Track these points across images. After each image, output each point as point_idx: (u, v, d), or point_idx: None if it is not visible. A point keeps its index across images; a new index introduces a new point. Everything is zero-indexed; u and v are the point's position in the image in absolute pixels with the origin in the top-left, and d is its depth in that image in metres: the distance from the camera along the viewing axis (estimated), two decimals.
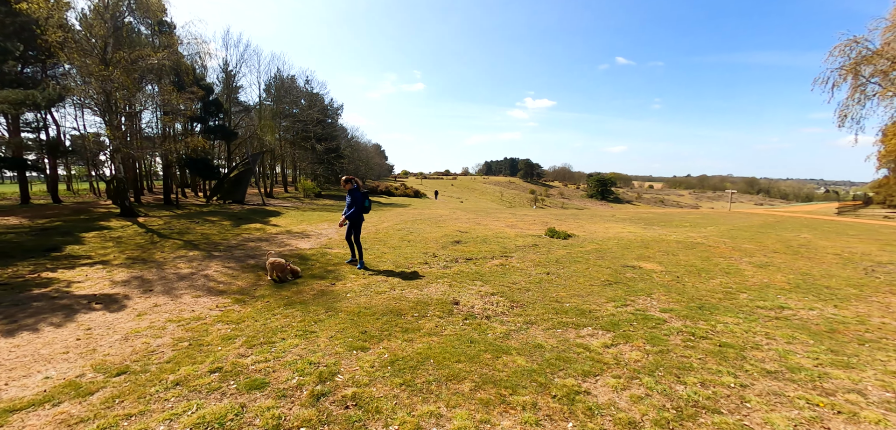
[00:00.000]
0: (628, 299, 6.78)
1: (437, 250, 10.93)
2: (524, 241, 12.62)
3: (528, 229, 16.30)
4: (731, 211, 33.41)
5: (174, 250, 10.38)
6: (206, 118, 25.09)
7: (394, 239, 12.68)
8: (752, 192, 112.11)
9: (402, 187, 53.84)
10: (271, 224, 16.26)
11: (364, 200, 8.88)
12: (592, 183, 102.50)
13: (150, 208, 21.45)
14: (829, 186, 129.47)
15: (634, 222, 20.60)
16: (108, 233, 12.87)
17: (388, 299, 6.22)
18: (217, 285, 7.21)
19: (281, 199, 32.34)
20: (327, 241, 12.05)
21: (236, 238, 12.56)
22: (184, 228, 14.52)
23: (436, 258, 9.68)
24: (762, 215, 28.05)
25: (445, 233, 14.15)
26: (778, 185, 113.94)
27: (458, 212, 25.95)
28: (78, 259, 9.35)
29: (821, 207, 38.12)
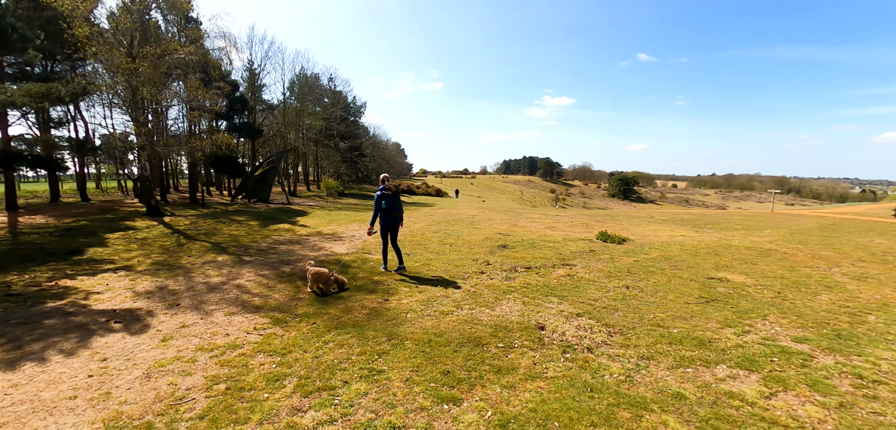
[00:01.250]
0: (743, 323, 5.57)
1: (486, 255, 9.79)
2: (576, 246, 11.37)
3: (570, 231, 15.02)
4: (774, 212, 31.31)
5: (202, 254, 9.48)
6: (231, 115, 24.47)
7: (433, 242, 11.59)
8: (782, 191, 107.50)
9: (424, 186, 52.80)
10: (300, 225, 15.35)
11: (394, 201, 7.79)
12: (614, 182, 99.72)
13: (176, 207, 20.88)
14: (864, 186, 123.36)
15: (679, 224, 19.06)
16: (134, 234, 12.11)
17: (459, 322, 5.08)
18: (252, 298, 6.19)
19: (304, 198, 31.66)
20: (363, 244, 11.01)
21: (266, 240, 11.64)
22: (210, 228, 13.71)
23: (490, 266, 8.53)
24: (814, 218, 26.00)
25: (486, 236, 12.99)
26: (809, 184, 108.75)
27: (487, 212, 24.76)
28: (100, 264, 8.51)
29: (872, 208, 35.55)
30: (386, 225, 7.77)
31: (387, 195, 7.66)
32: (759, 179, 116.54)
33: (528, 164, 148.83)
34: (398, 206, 7.94)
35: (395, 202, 7.86)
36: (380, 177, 7.93)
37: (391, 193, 7.80)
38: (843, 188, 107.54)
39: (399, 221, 7.94)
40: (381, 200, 7.63)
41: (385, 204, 7.64)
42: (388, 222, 7.76)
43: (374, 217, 7.63)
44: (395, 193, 7.95)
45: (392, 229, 7.82)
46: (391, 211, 7.72)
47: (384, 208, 7.66)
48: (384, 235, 7.84)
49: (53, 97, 10.07)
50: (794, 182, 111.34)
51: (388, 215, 7.71)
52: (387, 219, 7.73)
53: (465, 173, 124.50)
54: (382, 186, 7.81)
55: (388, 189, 7.80)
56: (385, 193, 7.65)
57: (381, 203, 7.63)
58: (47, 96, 9.87)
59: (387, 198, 7.65)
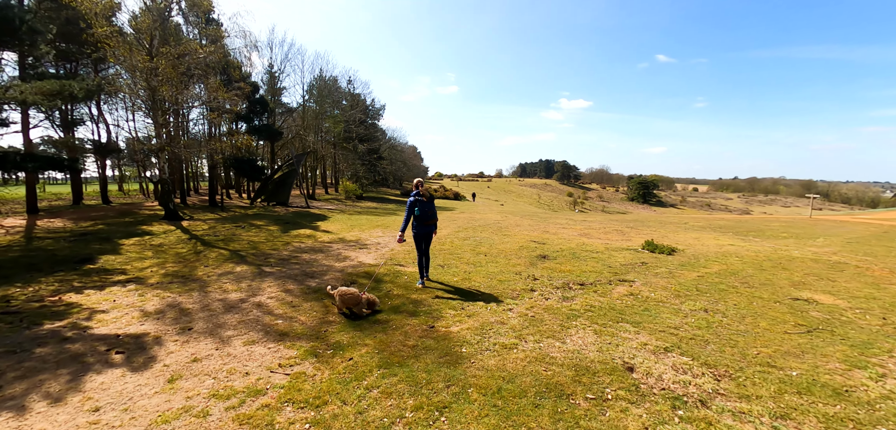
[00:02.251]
0: (870, 362, 4.64)
1: (527, 267, 8.80)
2: (623, 257, 10.28)
3: (607, 239, 13.90)
4: (812, 218, 29.46)
5: (219, 264, 8.70)
6: (251, 117, 23.98)
7: (465, 251, 10.64)
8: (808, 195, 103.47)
9: (442, 190, 51.93)
10: (321, 230, 14.56)
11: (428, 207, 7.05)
12: (633, 186, 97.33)
13: (195, 210, 20.38)
14: None
15: (719, 231, 17.69)
16: (150, 240, 11.46)
17: (528, 360, 4.10)
18: (274, 320, 5.32)
19: (323, 201, 31.08)
20: (391, 254, 10.11)
21: (286, 247, 10.84)
22: (229, 234, 13.00)
23: (537, 281, 7.53)
24: (861, 224, 24.20)
25: (521, 244, 11.98)
26: (838, 187, 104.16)
27: (510, 217, 23.71)
28: (110, 274, 7.78)
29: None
30: (419, 233, 7.09)
31: (421, 201, 6.99)
32: (784, 183, 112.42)
33: (545, 167, 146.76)
34: (433, 213, 7.23)
35: (430, 209, 7.14)
36: (413, 181, 7.35)
37: (425, 199, 7.12)
38: (874, 192, 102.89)
39: (433, 229, 7.19)
40: (414, 206, 6.97)
41: (418, 211, 6.96)
42: (422, 229, 7.07)
43: (405, 224, 6.95)
44: (429, 199, 7.25)
45: (425, 237, 7.15)
46: (425, 218, 7.03)
47: (418, 215, 6.97)
48: (418, 244, 7.18)
49: (66, 95, 9.49)
50: (822, 186, 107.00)
51: (421, 223, 7.03)
52: (420, 227, 7.05)
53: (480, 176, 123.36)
54: (416, 190, 7.13)
55: (422, 194, 7.09)
56: (419, 199, 6.98)
57: (414, 209, 6.97)
58: (60, 94, 9.30)
59: (421, 204, 6.98)
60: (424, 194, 7.16)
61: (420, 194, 7.06)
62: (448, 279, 7.59)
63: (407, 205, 6.97)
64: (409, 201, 6.97)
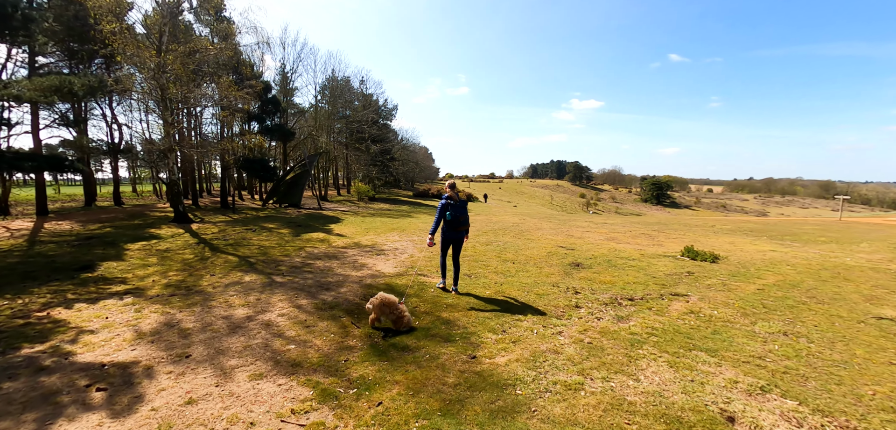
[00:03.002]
0: None
1: (563, 277, 7.94)
2: (664, 265, 9.35)
3: (637, 244, 12.94)
4: (843, 220, 28.00)
5: (226, 272, 7.97)
6: (263, 117, 23.41)
7: (490, 258, 9.80)
8: (827, 196, 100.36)
9: None
10: (335, 234, 13.83)
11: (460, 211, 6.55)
12: (647, 187, 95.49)
13: (206, 212, 19.84)
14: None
15: (752, 235, 16.57)
16: (156, 244, 10.82)
17: (604, 408, 3.24)
18: (285, 345, 4.53)
19: (335, 202, 30.45)
20: (411, 261, 9.31)
21: (299, 254, 10.10)
22: (239, 238, 12.33)
23: (579, 295, 6.66)
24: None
25: (548, 250, 11.10)
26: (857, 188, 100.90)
27: (527, 219, 22.79)
28: (109, 284, 7.10)
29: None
30: (449, 238, 6.67)
31: (452, 205, 6.52)
32: (802, 184, 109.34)
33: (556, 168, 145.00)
34: (465, 217, 6.66)
35: (462, 213, 6.60)
36: (446, 182, 6.74)
37: (457, 203, 6.57)
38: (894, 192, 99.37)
39: (464, 234, 6.72)
40: (445, 209, 6.53)
41: (450, 215, 6.49)
42: (452, 235, 6.64)
43: (436, 227, 6.54)
44: (461, 203, 6.66)
45: (455, 242, 6.71)
46: (456, 223, 6.54)
47: (449, 219, 6.51)
48: (445, 248, 6.78)
49: (65, 91, 8.91)
50: (841, 186, 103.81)
51: (452, 228, 6.57)
52: (451, 232, 6.61)
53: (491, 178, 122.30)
54: (448, 193, 6.61)
55: (453, 197, 6.57)
56: (450, 202, 6.53)
57: (445, 213, 6.52)
58: (59, 90, 8.71)
59: (452, 207, 6.51)
60: (455, 197, 6.62)
61: (452, 197, 6.56)
62: (479, 291, 6.78)
63: (438, 207, 6.54)
64: (441, 204, 6.54)
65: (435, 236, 6.55)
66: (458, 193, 7.00)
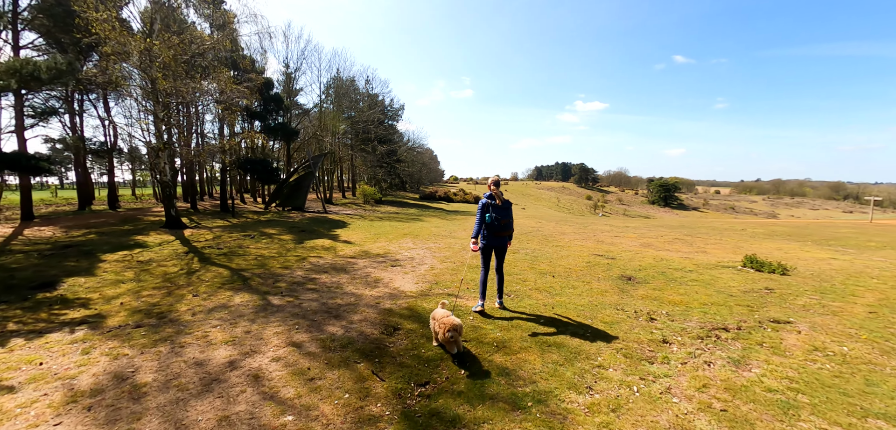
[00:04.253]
0: None
1: (619, 295, 6.48)
2: (732, 279, 7.85)
3: (676, 250, 11.46)
4: (873, 222, 26.31)
5: (213, 291, 6.53)
6: (265, 116, 22.03)
7: (523, 269, 8.34)
8: (837, 197, 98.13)
9: (462, 193, 49.55)
10: (341, 241, 12.38)
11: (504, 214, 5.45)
12: (654, 188, 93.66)
13: (204, 216, 18.46)
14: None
15: (790, 239, 14.99)
16: (139, 254, 9.41)
17: None
18: (280, 415, 3.07)
19: (340, 205, 29.04)
20: (433, 275, 7.84)
21: (301, 265, 8.66)
22: (235, 245, 10.90)
23: (655, 322, 5.20)
24: None
25: (586, 260, 9.61)
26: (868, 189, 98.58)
27: (546, 223, 21.28)
28: (66, 309, 5.67)
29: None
30: (490, 245, 5.58)
31: (494, 205, 5.45)
32: (811, 185, 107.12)
33: (561, 170, 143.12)
34: (509, 220, 5.52)
35: (506, 216, 5.49)
36: (488, 181, 5.65)
37: (501, 204, 5.47)
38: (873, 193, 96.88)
39: (508, 240, 5.68)
40: (486, 210, 5.44)
41: (490, 217, 5.39)
42: (495, 241, 5.56)
43: (478, 230, 5.51)
44: (505, 204, 5.54)
45: (498, 249, 5.67)
46: (499, 227, 5.44)
47: (490, 223, 5.40)
48: (487, 257, 5.65)
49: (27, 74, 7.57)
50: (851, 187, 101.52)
51: (494, 233, 5.48)
52: (493, 237, 5.53)
53: None
54: (489, 192, 5.52)
55: (495, 197, 5.48)
56: (491, 203, 5.46)
57: (485, 214, 5.43)
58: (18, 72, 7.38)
59: (494, 208, 5.44)
60: (498, 197, 5.47)
61: (494, 197, 5.46)
62: (520, 307, 5.44)
63: (478, 208, 5.50)
64: (481, 204, 5.48)
65: (477, 242, 5.48)
66: (501, 191, 5.64)
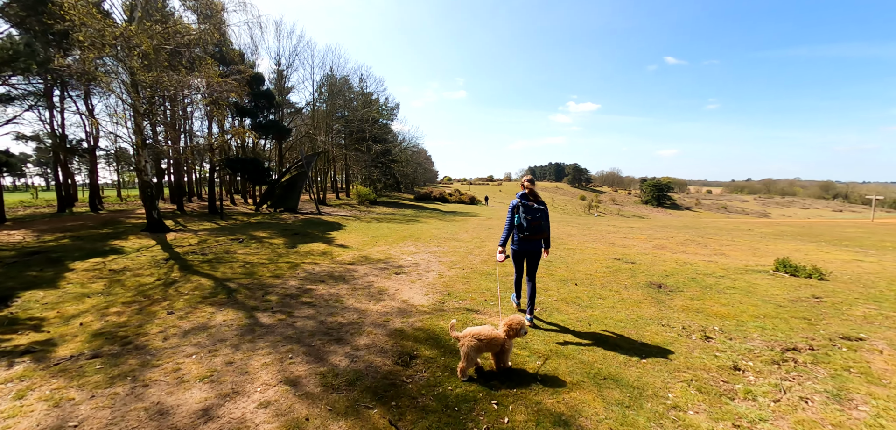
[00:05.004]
0: None
1: (654, 306, 5.73)
2: (773, 286, 7.12)
3: (692, 252, 10.74)
4: (875, 221, 26.00)
5: (192, 307, 5.61)
6: (256, 112, 20.98)
7: (539, 274, 7.53)
8: (826, 196, 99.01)
9: (457, 194, 48.67)
10: (337, 245, 11.47)
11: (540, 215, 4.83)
12: (647, 188, 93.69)
13: (191, 218, 17.40)
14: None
15: (802, 239, 14.42)
16: (113, 261, 8.43)
17: None
18: None
19: (334, 206, 28.04)
20: (443, 284, 6.99)
21: (294, 274, 7.75)
22: (222, 251, 9.94)
23: (711, 341, 4.43)
24: None
25: (605, 265, 8.83)
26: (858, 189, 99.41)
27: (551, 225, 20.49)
28: (13, 332, 4.71)
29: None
30: (524, 250, 4.94)
31: (526, 205, 4.82)
32: (801, 184, 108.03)
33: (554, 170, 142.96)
34: (545, 224, 4.86)
35: (541, 218, 4.82)
36: (521, 180, 5.03)
37: (534, 203, 4.84)
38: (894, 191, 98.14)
39: (542, 245, 5.00)
40: (514, 211, 4.87)
41: (521, 218, 4.80)
42: (528, 245, 4.92)
43: (507, 235, 4.94)
44: (540, 204, 4.88)
45: (531, 256, 4.98)
46: (533, 230, 4.80)
47: (522, 225, 4.80)
48: (519, 264, 5.11)
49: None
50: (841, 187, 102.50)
51: (527, 237, 4.84)
52: (524, 242, 4.90)
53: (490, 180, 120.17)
54: (522, 191, 4.90)
55: (531, 193, 4.87)
56: (524, 203, 4.84)
57: (513, 217, 4.87)
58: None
59: (527, 209, 4.80)
60: (534, 194, 4.87)
61: (528, 196, 4.85)
62: (557, 324, 4.55)
63: (509, 208, 4.92)
64: (512, 205, 4.89)
65: (506, 247, 4.90)
66: (535, 190, 4.91)
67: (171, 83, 12.16)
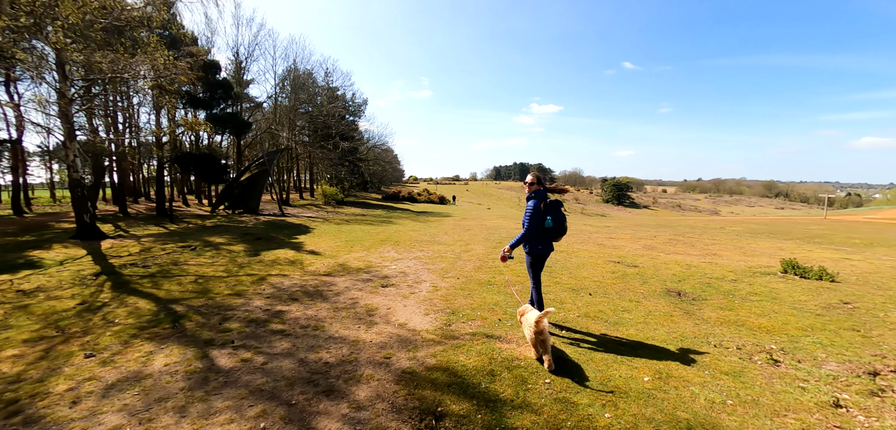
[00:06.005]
0: None
1: (688, 321, 4.99)
2: (797, 292, 6.60)
3: (684, 253, 10.31)
4: (827, 219, 27.41)
5: (122, 344, 4.23)
6: (211, 103, 18.90)
7: (543, 281, 6.64)
8: (769, 195, 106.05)
9: (426, 193, 47.48)
10: (308, 252, 10.12)
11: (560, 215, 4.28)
12: (608, 188, 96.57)
13: (136, 222, 15.30)
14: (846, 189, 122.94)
15: (772, 236, 14.56)
16: (24, 280, 6.72)
17: None
18: None
19: (299, 207, 26.17)
20: (440, 297, 5.93)
21: (259, 289, 6.42)
22: (169, 262, 8.36)
23: (779, 365, 3.69)
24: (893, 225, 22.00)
25: (610, 270, 8.10)
26: (796, 188, 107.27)
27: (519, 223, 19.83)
28: None
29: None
30: (544, 253, 4.31)
31: (550, 203, 4.24)
32: (747, 184, 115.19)
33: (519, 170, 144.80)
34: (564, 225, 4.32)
35: (562, 217, 4.28)
36: (526, 179, 4.47)
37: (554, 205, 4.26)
38: (827, 191, 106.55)
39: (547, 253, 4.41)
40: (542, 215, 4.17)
41: (551, 220, 4.18)
42: (548, 248, 4.32)
43: (522, 238, 4.29)
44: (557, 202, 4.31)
45: (543, 259, 4.39)
46: (556, 231, 4.25)
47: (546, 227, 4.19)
48: (537, 272, 4.41)
49: None
50: (782, 186, 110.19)
51: (548, 239, 4.29)
52: (546, 245, 4.30)
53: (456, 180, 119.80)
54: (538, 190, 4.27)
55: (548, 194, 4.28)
56: (547, 202, 4.24)
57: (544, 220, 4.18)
58: None
59: (552, 209, 4.23)
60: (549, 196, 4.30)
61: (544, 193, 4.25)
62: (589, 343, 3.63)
63: (530, 210, 4.20)
64: (535, 205, 4.18)
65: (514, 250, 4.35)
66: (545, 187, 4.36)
67: (107, 64, 10.32)
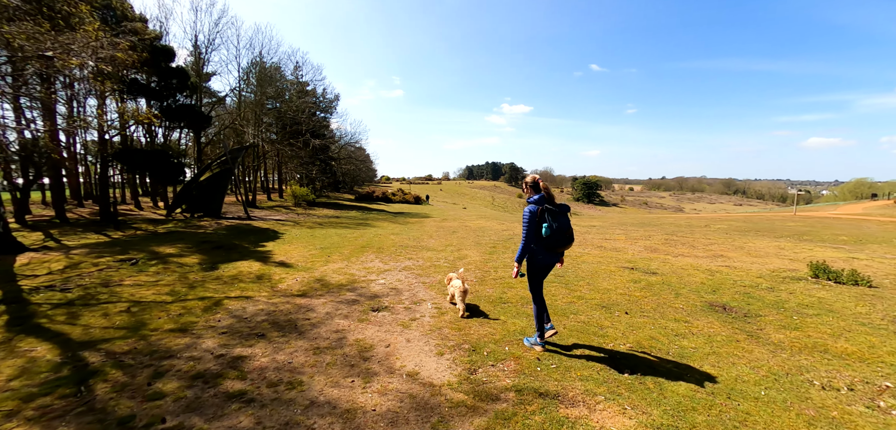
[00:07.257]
0: None
1: (766, 351, 3.94)
2: (849, 302, 5.80)
3: (693, 256, 9.53)
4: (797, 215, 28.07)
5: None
6: (164, 93, 16.73)
7: (556, 294, 5.55)
8: (728, 192, 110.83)
9: (401, 193, 45.85)
10: (278, 263, 8.60)
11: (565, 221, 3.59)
12: (578, 186, 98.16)
13: (74, 229, 13.13)
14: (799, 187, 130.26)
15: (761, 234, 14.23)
16: None
17: None
18: None
19: (266, 209, 24.14)
20: (448, 325, 4.68)
21: (212, 320, 4.96)
22: (99, 281, 6.68)
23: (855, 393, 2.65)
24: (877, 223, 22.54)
25: (631, 279, 7.08)
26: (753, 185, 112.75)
27: (511, 225, 18.89)
28: None
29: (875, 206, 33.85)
30: (547, 264, 3.67)
31: (550, 209, 3.53)
32: (708, 182, 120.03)
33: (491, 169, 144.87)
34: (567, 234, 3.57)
35: (566, 222, 3.59)
36: (526, 180, 3.76)
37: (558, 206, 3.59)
38: (780, 188, 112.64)
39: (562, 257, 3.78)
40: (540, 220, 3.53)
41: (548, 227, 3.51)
42: (552, 258, 3.66)
43: (525, 248, 3.54)
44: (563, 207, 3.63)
45: (543, 272, 3.73)
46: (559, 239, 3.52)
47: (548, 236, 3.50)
48: (536, 285, 3.76)
49: None
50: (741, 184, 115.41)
51: (553, 249, 3.57)
52: (551, 255, 3.63)
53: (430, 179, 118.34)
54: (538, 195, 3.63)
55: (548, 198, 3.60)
56: (546, 207, 3.54)
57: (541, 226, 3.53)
58: None
59: (554, 214, 3.52)
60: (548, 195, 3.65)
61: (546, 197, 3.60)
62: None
63: (526, 217, 3.55)
64: (531, 211, 3.54)
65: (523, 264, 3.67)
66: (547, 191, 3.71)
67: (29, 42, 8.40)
